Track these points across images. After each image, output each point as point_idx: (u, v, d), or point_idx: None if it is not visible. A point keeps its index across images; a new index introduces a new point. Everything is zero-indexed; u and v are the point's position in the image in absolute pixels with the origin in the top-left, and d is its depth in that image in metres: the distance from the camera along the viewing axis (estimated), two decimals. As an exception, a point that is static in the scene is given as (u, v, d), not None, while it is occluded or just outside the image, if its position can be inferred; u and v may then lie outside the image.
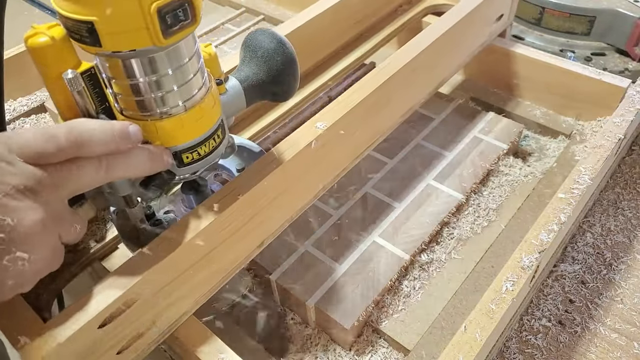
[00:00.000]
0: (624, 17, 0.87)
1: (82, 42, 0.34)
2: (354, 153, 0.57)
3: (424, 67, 0.61)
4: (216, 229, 0.43)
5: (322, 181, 0.54)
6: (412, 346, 0.52)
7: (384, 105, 0.57)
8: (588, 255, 0.61)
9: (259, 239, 0.49)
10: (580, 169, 0.56)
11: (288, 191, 0.49)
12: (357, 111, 0.53)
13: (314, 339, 0.55)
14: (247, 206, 0.45)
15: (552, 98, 0.77)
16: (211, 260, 0.44)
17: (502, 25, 0.78)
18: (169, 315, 0.44)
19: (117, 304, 0.37)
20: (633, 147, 0.75)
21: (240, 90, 0.47)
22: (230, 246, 0.46)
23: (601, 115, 0.73)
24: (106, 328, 0.37)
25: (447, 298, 0.56)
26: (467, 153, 0.69)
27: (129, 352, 0.41)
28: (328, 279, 0.55)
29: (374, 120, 0.57)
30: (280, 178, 0.47)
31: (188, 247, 0.41)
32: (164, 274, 0.40)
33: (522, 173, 0.69)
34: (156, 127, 0.39)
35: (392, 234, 0.60)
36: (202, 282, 0.45)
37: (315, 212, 0.63)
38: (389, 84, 0.55)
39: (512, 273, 0.47)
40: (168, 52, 0.36)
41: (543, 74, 0.75)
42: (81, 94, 0.36)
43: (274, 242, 0.59)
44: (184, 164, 0.41)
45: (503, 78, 0.81)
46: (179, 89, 0.38)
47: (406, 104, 0.62)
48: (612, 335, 0.54)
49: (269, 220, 0.49)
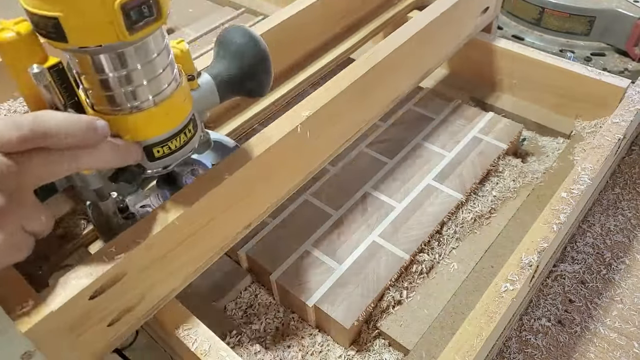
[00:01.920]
0: (624, 17, 0.87)
1: (49, 38, 0.34)
2: (338, 141, 0.58)
3: (407, 58, 0.62)
4: (198, 212, 0.44)
5: (307, 168, 0.55)
6: (412, 346, 0.52)
7: (367, 95, 0.58)
8: (588, 255, 0.61)
9: (248, 219, 0.51)
10: (580, 169, 0.56)
11: (271, 177, 0.50)
12: (341, 100, 0.54)
13: (313, 338, 0.55)
14: (234, 188, 0.46)
15: (551, 98, 0.77)
16: (198, 240, 0.45)
17: (487, 18, 0.79)
18: (158, 291, 0.45)
19: (107, 276, 0.39)
20: (633, 147, 0.75)
21: (213, 86, 0.47)
22: (215, 228, 0.47)
23: (601, 115, 0.73)
24: (97, 299, 0.39)
25: (447, 298, 0.56)
26: (467, 153, 0.69)
27: (120, 325, 0.42)
28: (328, 279, 0.55)
29: (358, 109, 0.58)
30: (261, 164, 0.48)
31: (174, 226, 0.42)
32: (152, 250, 0.42)
33: (521, 173, 0.69)
34: (126, 121, 0.39)
35: (392, 234, 0.60)
36: (190, 260, 0.46)
37: (315, 212, 0.63)
38: (371, 74, 0.56)
39: (512, 273, 0.47)
40: (136, 47, 0.37)
41: (543, 74, 0.75)
42: (48, 88, 0.36)
43: (274, 242, 0.59)
44: (154, 158, 0.42)
45: (503, 78, 0.81)
46: (148, 84, 0.39)
47: (390, 94, 0.63)
48: (612, 335, 0.54)
49: (256, 202, 0.50)
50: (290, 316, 0.57)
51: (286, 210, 0.63)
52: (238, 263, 0.61)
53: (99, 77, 0.37)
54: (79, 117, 0.35)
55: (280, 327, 0.57)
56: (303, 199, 0.64)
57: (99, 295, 0.39)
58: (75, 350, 0.40)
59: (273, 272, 0.57)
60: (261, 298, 0.59)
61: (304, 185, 0.66)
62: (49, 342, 0.37)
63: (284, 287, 0.55)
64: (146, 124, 0.40)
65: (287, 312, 0.58)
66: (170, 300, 0.49)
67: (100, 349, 0.42)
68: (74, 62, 0.37)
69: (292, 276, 0.56)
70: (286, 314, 0.57)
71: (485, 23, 0.79)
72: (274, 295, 0.59)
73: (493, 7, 0.78)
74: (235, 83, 0.48)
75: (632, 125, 0.63)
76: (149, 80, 0.38)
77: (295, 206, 0.64)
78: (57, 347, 0.38)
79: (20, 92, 0.37)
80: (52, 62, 0.36)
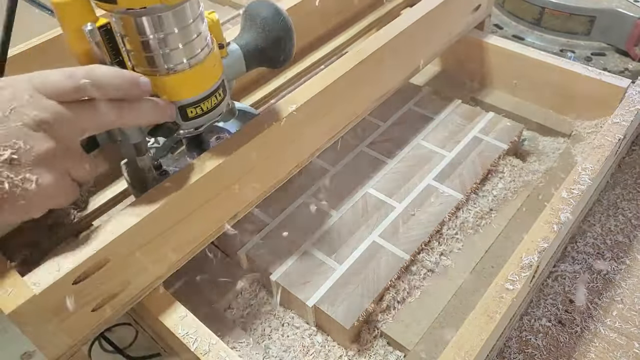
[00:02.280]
0: (624, 17, 0.87)
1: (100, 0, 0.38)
2: (329, 134, 0.59)
3: (396, 53, 0.63)
4: (185, 199, 0.46)
5: (296, 160, 0.56)
6: (412, 346, 0.52)
7: (357, 88, 0.59)
8: (588, 255, 0.61)
9: (233, 211, 0.52)
10: (580, 169, 0.56)
11: (260, 167, 0.52)
12: (330, 93, 0.55)
13: (313, 338, 0.55)
14: (218, 178, 0.48)
15: (552, 98, 0.77)
16: (182, 229, 0.47)
17: (480, 15, 0.79)
18: (143, 278, 0.46)
19: (89, 262, 0.40)
20: (633, 147, 0.75)
21: (241, 55, 0.51)
22: (201, 216, 0.48)
23: (601, 115, 0.73)
24: (80, 285, 0.40)
25: (447, 298, 0.56)
26: (467, 153, 0.69)
27: (104, 311, 0.44)
28: (328, 279, 0.55)
29: (348, 103, 0.59)
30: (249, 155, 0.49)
31: (158, 215, 0.44)
32: (137, 238, 0.43)
33: (522, 173, 0.69)
34: (163, 82, 0.43)
35: (392, 234, 0.60)
36: (174, 249, 0.48)
37: (315, 211, 0.63)
38: (360, 67, 0.57)
39: (512, 273, 0.47)
40: (174, 12, 0.41)
41: (543, 73, 0.75)
42: (98, 45, 0.40)
43: (274, 242, 0.59)
44: (188, 118, 0.46)
45: (502, 78, 0.81)
46: (184, 47, 0.43)
47: (379, 89, 0.64)
48: (612, 335, 0.54)
49: (241, 193, 0.51)
50: (290, 316, 0.57)
51: (286, 210, 0.63)
52: (238, 263, 0.61)
53: (140, 39, 0.41)
54: (125, 72, 0.40)
55: (280, 327, 0.56)
56: (303, 199, 0.64)
57: (83, 281, 0.40)
58: (59, 333, 0.41)
59: (273, 272, 0.57)
60: (261, 298, 0.59)
61: (304, 185, 0.66)
62: (33, 325, 0.39)
63: (284, 287, 0.55)
64: (181, 85, 0.44)
65: (287, 312, 0.58)
66: (170, 300, 0.49)
67: (84, 333, 0.44)
68: (119, 24, 0.41)
69: (292, 276, 0.56)
70: (286, 314, 0.57)
71: (477, 21, 0.80)
72: (274, 295, 0.59)
73: (485, 5, 0.79)
74: (261, 52, 0.52)
75: (632, 125, 0.63)
76: (184, 44, 0.43)
77: (295, 206, 0.64)
78: (41, 330, 0.39)
79: (72, 50, 0.41)
80: (102, 22, 0.40)
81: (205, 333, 0.46)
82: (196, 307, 0.57)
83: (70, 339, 0.42)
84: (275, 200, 0.64)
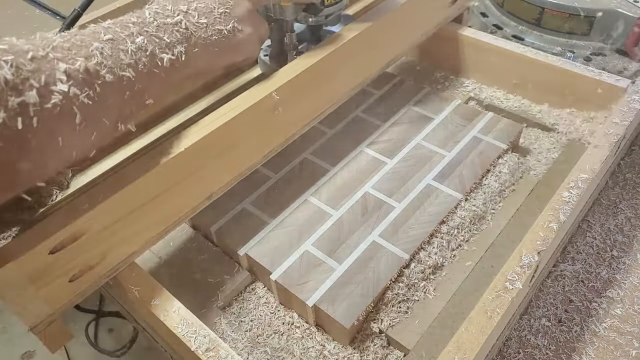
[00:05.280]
0: (624, 17, 0.87)
1: None
2: (303, 121, 0.62)
3: (370, 42, 0.65)
4: (159, 177, 0.48)
5: (270, 145, 0.59)
6: (412, 346, 0.52)
7: (330, 76, 0.62)
8: (588, 255, 0.61)
9: (207, 192, 0.54)
10: (580, 168, 0.56)
11: (235, 148, 0.54)
12: (301, 80, 0.57)
13: (313, 338, 0.55)
14: (192, 158, 0.50)
15: (551, 98, 0.77)
16: (157, 205, 0.49)
17: (457, 8, 0.81)
18: (119, 252, 0.49)
19: (65, 233, 0.42)
20: (632, 147, 0.75)
21: None
22: (176, 194, 0.50)
23: (601, 115, 0.73)
24: (57, 255, 0.42)
25: (447, 298, 0.56)
26: (466, 153, 0.69)
27: (81, 282, 0.46)
28: (328, 279, 0.55)
29: (322, 90, 0.62)
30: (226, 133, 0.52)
31: (133, 191, 0.46)
32: (111, 213, 0.45)
33: (522, 173, 0.69)
34: None
35: (392, 233, 0.60)
36: (150, 225, 0.50)
37: (315, 211, 0.63)
38: (334, 55, 0.60)
39: (512, 273, 0.47)
40: None
41: (543, 73, 0.75)
42: None
43: (274, 242, 0.59)
44: (325, 5, 0.59)
45: (502, 78, 0.81)
46: None
47: (355, 77, 0.67)
48: (612, 335, 0.54)
49: (216, 173, 0.54)
50: (290, 316, 0.57)
51: (286, 210, 0.63)
52: (238, 263, 0.61)
53: None
54: None
55: (280, 327, 0.57)
56: (303, 199, 0.64)
57: (59, 251, 0.42)
58: (37, 301, 0.43)
59: (273, 272, 0.57)
60: (261, 298, 0.59)
61: (304, 185, 0.66)
62: (11, 292, 0.41)
63: (284, 287, 0.55)
64: None
65: (287, 312, 0.58)
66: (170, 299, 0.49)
67: (62, 303, 0.46)
68: None
69: (292, 276, 0.56)
70: (286, 314, 0.58)
71: (455, 13, 0.82)
72: (274, 295, 0.59)
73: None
74: None
75: (631, 125, 0.63)
76: None
77: (296, 206, 0.64)
78: (18, 297, 0.42)
79: None
80: None
81: (205, 332, 0.46)
82: (196, 307, 0.57)
83: (48, 307, 0.45)
84: (275, 199, 0.65)
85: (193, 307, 0.49)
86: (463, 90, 0.84)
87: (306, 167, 0.69)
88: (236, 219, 0.63)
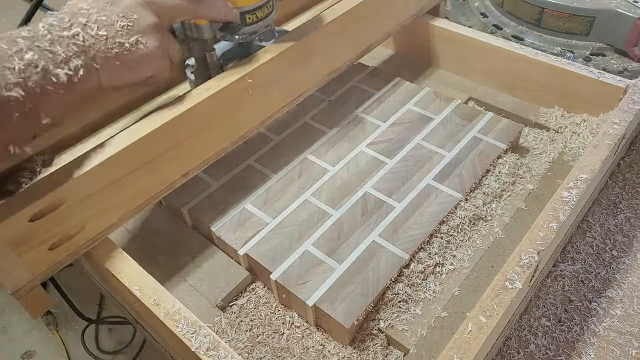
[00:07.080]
0: (624, 17, 0.88)
1: None
2: (276, 105, 0.64)
3: (344, 29, 0.67)
4: (137, 151, 0.50)
5: (246, 126, 0.62)
6: (412, 346, 0.52)
7: (305, 61, 0.64)
8: (587, 255, 0.61)
9: (183, 169, 0.57)
10: (579, 168, 0.57)
11: (210, 127, 0.57)
12: (274, 65, 0.59)
13: (313, 338, 0.55)
14: (167, 135, 0.52)
15: (551, 98, 0.77)
16: (134, 180, 0.51)
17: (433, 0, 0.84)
18: (98, 223, 0.51)
19: (44, 202, 0.44)
20: (632, 147, 0.75)
21: None
22: (152, 170, 0.53)
23: (601, 115, 0.73)
24: (36, 223, 0.45)
25: (447, 298, 0.56)
26: (466, 153, 0.69)
27: (60, 251, 0.48)
28: (328, 279, 0.55)
29: (295, 75, 0.64)
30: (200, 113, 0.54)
31: (111, 163, 0.48)
32: (89, 184, 0.48)
33: (521, 173, 0.69)
34: None
35: (392, 233, 0.60)
36: (127, 198, 0.52)
37: (315, 211, 0.63)
38: (309, 40, 0.62)
39: (512, 273, 0.47)
40: None
41: (543, 73, 0.75)
42: None
43: (274, 242, 0.60)
44: (247, 23, 0.57)
45: (502, 78, 0.81)
46: None
47: (329, 64, 0.69)
48: (612, 335, 0.54)
49: (191, 151, 0.56)
50: (290, 316, 0.57)
51: (286, 210, 0.63)
52: (238, 263, 0.61)
53: None
54: None
55: (280, 327, 0.57)
56: (303, 199, 0.64)
57: (39, 219, 0.45)
58: (18, 267, 0.45)
59: (273, 272, 0.57)
60: (261, 298, 0.59)
61: (304, 185, 0.66)
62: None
63: (284, 287, 0.55)
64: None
65: (287, 312, 0.58)
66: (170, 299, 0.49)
67: (42, 270, 0.48)
68: None
69: (292, 276, 0.56)
70: (286, 314, 0.58)
71: (431, 4, 0.84)
72: (274, 295, 0.59)
73: None
74: None
75: (631, 125, 0.63)
76: None
77: (295, 206, 0.64)
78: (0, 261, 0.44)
79: None
80: None
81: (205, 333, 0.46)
82: (196, 307, 0.57)
83: (29, 273, 0.47)
84: (275, 199, 0.65)
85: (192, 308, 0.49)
86: (463, 90, 0.84)
87: (306, 167, 0.69)
88: (236, 219, 0.63)
